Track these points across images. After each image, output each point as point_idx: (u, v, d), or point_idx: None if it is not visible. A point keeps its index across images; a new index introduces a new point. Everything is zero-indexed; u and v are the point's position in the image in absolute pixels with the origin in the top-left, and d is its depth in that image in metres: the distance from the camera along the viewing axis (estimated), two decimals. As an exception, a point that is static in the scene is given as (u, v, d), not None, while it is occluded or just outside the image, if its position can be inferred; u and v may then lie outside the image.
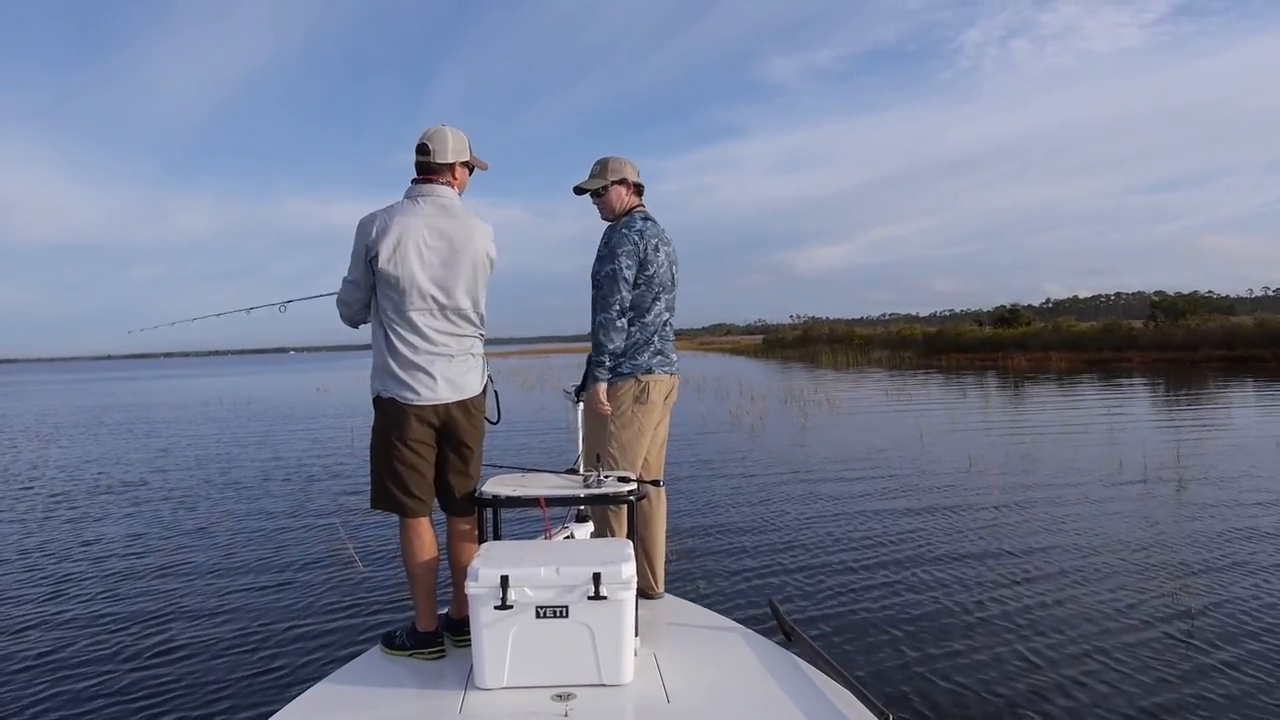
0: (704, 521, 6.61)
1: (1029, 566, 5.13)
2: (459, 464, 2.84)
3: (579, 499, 2.91)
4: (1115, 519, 6.32)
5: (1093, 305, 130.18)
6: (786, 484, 8.15)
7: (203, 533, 6.67)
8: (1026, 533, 5.98)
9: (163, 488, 8.98)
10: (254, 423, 16.79)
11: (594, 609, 2.31)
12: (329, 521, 6.84)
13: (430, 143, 2.79)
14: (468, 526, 2.89)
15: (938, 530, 6.14)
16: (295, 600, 4.79)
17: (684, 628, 2.96)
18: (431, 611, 2.76)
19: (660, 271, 3.30)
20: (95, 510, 7.79)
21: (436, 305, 2.72)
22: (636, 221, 3.31)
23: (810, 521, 6.51)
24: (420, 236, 2.69)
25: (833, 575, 5.05)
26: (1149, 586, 4.66)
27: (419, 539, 2.75)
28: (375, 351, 2.77)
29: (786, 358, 46.30)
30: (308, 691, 2.45)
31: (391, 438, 2.72)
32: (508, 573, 2.30)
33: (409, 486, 2.73)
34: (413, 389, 2.70)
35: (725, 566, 5.28)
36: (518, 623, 2.32)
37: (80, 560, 5.84)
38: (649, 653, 2.65)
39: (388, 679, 2.57)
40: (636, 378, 3.26)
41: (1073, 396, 17.35)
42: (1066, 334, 35.92)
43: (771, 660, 2.64)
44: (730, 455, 10.15)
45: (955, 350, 38.62)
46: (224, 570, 5.49)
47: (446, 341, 2.75)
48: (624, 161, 3.34)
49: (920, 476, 8.38)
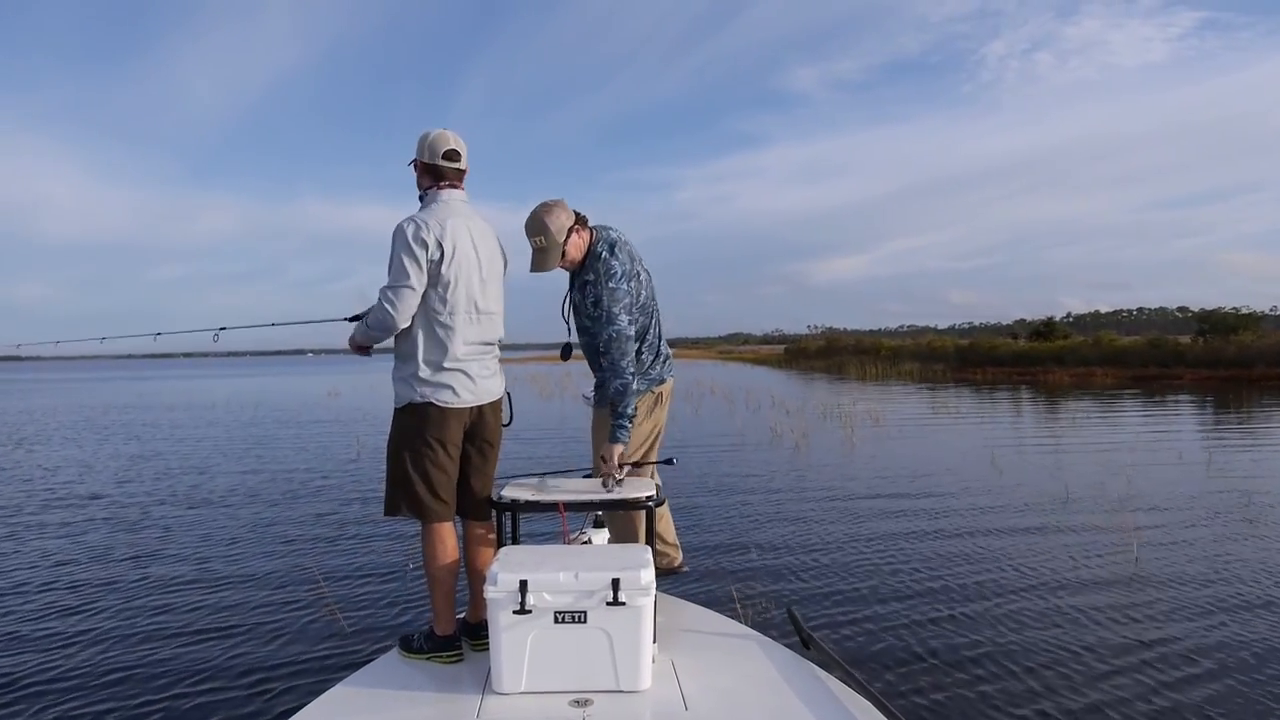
0: (750, 539, 6.36)
1: (1105, 602, 4.77)
2: (481, 464, 2.93)
3: (597, 504, 2.97)
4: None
5: (1114, 320, 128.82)
6: (839, 502, 7.83)
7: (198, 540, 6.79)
8: (1106, 564, 5.53)
9: (148, 498, 9.13)
10: (252, 428, 16.33)
11: (612, 615, 2.36)
12: (300, 534, 6.94)
13: (459, 148, 2.88)
14: (485, 530, 2.96)
15: (1014, 554, 5.85)
16: (308, 607, 4.87)
17: (702, 634, 3.01)
18: (450, 615, 2.82)
19: (644, 293, 3.31)
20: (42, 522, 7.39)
21: (476, 309, 2.83)
22: (613, 264, 3.13)
23: (880, 545, 6.14)
24: (469, 242, 2.81)
25: (890, 604, 4.88)
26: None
27: (442, 543, 2.82)
28: (407, 357, 2.81)
29: (810, 368, 45.96)
30: (325, 694, 2.51)
31: (429, 439, 2.78)
32: (526, 577, 2.36)
33: (437, 490, 2.81)
34: (454, 391, 2.79)
35: (790, 589, 5.05)
36: (536, 628, 2.37)
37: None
38: (667, 659, 2.69)
39: (405, 682, 2.63)
40: (652, 390, 3.37)
41: (1142, 415, 16.44)
42: (1108, 348, 35.23)
43: (789, 668, 2.68)
44: (776, 472, 9.70)
45: (989, 364, 38.18)
46: (231, 575, 5.60)
47: (482, 345, 2.87)
48: (555, 208, 3.10)
49: (993, 497, 7.94)
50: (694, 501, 7.85)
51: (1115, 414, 16.96)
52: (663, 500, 3.10)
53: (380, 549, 6.18)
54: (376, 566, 5.70)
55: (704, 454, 11.24)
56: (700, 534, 6.54)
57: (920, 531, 6.61)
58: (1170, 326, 79.62)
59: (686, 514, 7.19)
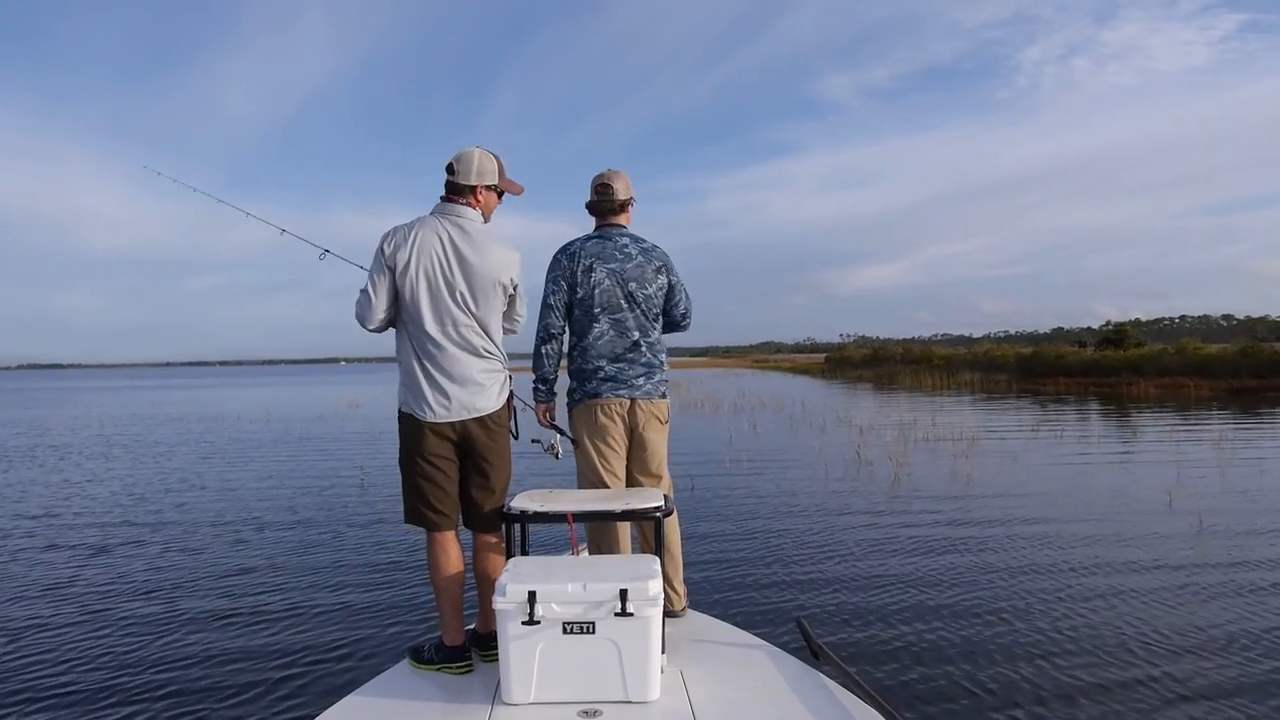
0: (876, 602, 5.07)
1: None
2: (480, 480, 3.02)
3: (606, 515, 3.06)
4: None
5: (1155, 329, 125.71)
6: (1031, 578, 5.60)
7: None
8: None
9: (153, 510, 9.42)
10: (239, 444, 15.33)
11: (621, 625, 2.45)
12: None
13: (457, 163, 3.01)
14: (494, 541, 3.07)
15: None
16: (322, 614, 5.01)
17: (711, 644, 3.09)
18: (459, 626, 2.93)
19: (596, 293, 3.42)
20: None
21: (451, 323, 2.92)
22: (576, 243, 3.48)
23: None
24: (435, 255, 2.91)
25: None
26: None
27: (445, 553, 2.94)
28: (400, 365, 3.00)
29: (856, 379, 45.32)
30: (336, 705, 2.63)
31: (413, 450, 2.94)
32: (535, 588, 2.46)
33: (431, 501, 2.93)
34: (428, 405, 2.91)
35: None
36: (545, 638, 2.47)
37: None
38: (675, 670, 2.78)
39: (415, 693, 2.74)
40: (586, 403, 3.47)
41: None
42: (1193, 357, 33.94)
43: (799, 679, 2.75)
44: (882, 509, 8.07)
45: (1057, 374, 37.29)
46: (237, 585, 5.79)
47: (460, 359, 2.93)
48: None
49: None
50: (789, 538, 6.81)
51: (1266, 431, 14.79)
52: (671, 510, 3.17)
53: (391, 557, 6.33)
54: (387, 575, 5.84)
55: (780, 477, 10.11)
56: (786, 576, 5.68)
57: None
58: (1214, 335, 77.26)
59: (780, 547, 6.48)
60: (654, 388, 3.50)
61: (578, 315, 3.46)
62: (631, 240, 3.51)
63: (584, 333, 3.45)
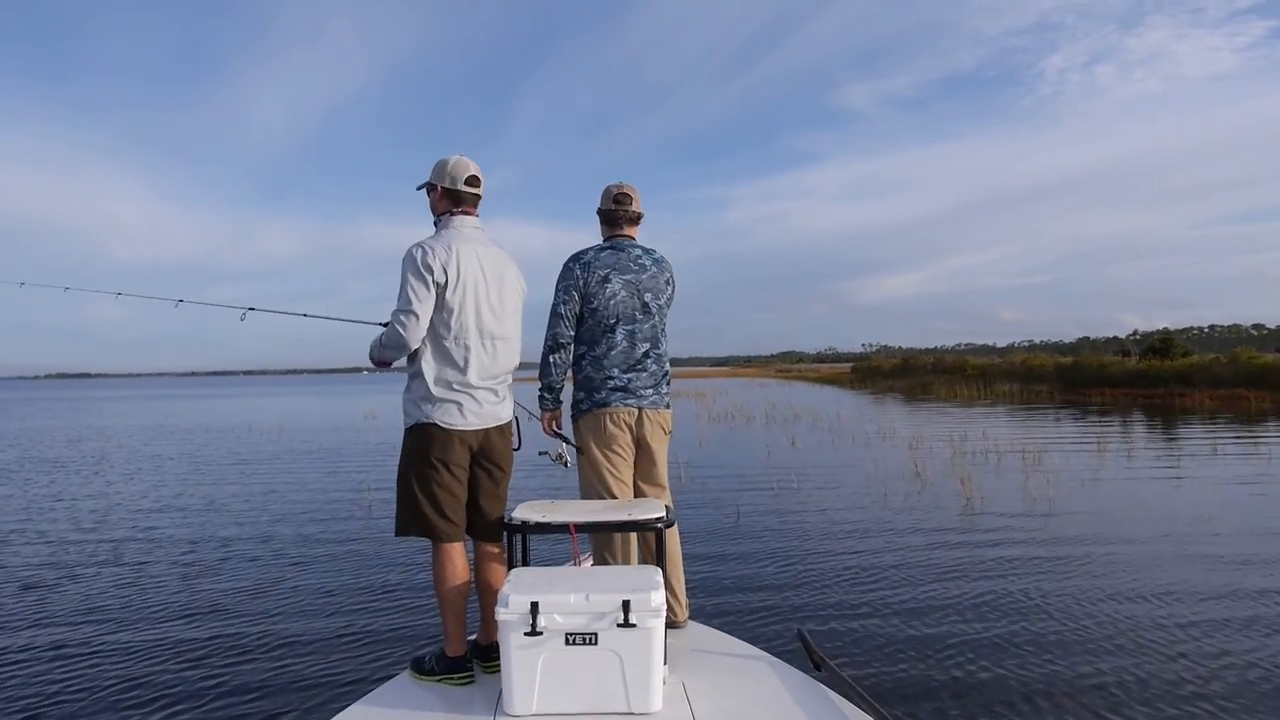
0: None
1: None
2: (491, 486, 3.09)
3: (608, 526, 3.10)
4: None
5: (1184, 338, 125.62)
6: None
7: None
8: None
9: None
10: (237, 460, 15.01)
11: (623, 636, 2.48)
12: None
13: (480, 175, 3.11)
14: (496, 551, 3.12)
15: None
16: (321, 627, 5.07)
17: (712, 656, 3.12)
18: (461, 637, 2.97)
19: (613, 303, 3.48)
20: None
21: (485, 335, 3.03)
22: (589, 253, 3.55)
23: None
24: (477, 267, 3.01)
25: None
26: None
27: (451, 564, 2.99)
28: (415, 378, 3.03)
29: (887, 389, 44.80)
30: (338, 716, 2.66)
31: (433, 460, 2.97)
32: (538, 599, 2.49)
33: (445, 510, 2.98)
34: (460, 413, 2.98)
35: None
36: (547, 649, 2.50)
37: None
38: (677, 681, 2.81)
39: (417, 704, 2.78)
40: (594, 413, 3.50)
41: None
42: (1247, 366, 32.91)
43: (800, 690, 2.77)
44: (957, 529, 7.67)
45: (1101, 384, 36.72)
46: (239, 596, 5.87)
47: (491, 369, 3.05)
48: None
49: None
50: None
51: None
52: (673, 521, 3.19)
53: (391, 569, 6.41)
54: (388, 587, 5.91)
55: (835, 499, 9.52)
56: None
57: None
58: (1245, 344, 76.33)
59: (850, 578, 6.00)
60: (660, 398, 3.58)
61: (589, 325, 3.52)
62: (644, 251, 3.61)
63: (595, 343, 3.52)
